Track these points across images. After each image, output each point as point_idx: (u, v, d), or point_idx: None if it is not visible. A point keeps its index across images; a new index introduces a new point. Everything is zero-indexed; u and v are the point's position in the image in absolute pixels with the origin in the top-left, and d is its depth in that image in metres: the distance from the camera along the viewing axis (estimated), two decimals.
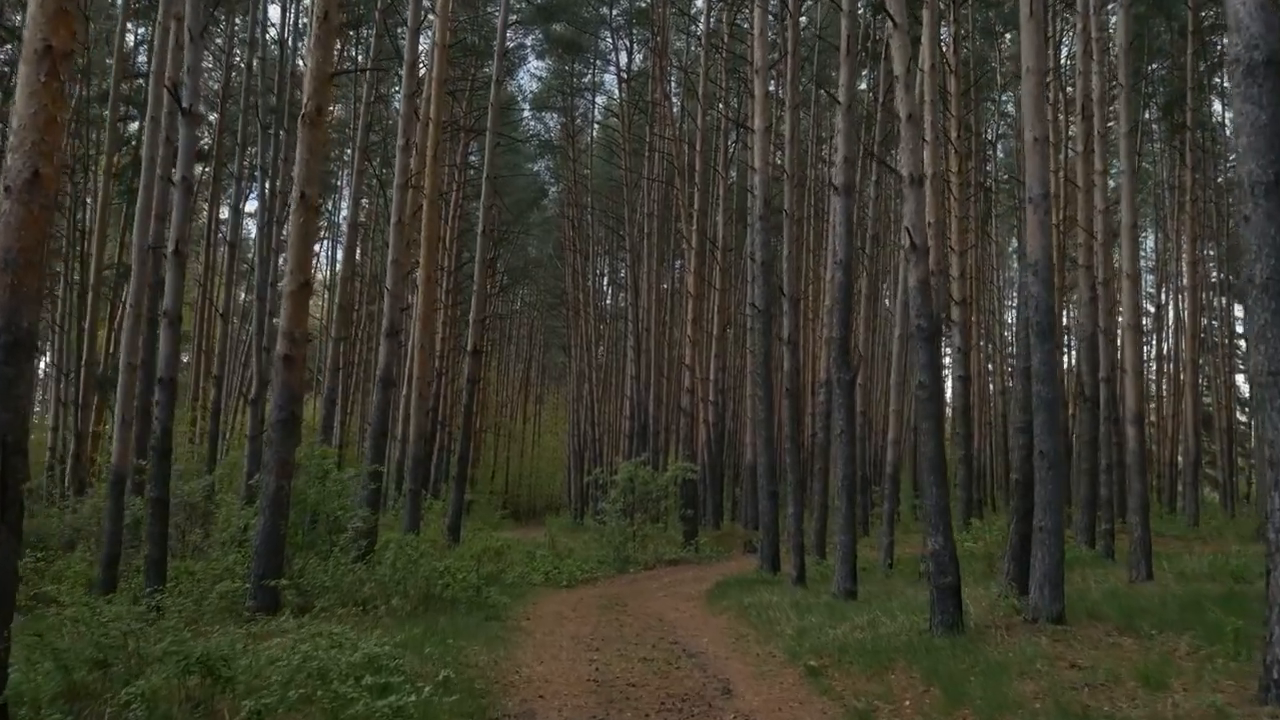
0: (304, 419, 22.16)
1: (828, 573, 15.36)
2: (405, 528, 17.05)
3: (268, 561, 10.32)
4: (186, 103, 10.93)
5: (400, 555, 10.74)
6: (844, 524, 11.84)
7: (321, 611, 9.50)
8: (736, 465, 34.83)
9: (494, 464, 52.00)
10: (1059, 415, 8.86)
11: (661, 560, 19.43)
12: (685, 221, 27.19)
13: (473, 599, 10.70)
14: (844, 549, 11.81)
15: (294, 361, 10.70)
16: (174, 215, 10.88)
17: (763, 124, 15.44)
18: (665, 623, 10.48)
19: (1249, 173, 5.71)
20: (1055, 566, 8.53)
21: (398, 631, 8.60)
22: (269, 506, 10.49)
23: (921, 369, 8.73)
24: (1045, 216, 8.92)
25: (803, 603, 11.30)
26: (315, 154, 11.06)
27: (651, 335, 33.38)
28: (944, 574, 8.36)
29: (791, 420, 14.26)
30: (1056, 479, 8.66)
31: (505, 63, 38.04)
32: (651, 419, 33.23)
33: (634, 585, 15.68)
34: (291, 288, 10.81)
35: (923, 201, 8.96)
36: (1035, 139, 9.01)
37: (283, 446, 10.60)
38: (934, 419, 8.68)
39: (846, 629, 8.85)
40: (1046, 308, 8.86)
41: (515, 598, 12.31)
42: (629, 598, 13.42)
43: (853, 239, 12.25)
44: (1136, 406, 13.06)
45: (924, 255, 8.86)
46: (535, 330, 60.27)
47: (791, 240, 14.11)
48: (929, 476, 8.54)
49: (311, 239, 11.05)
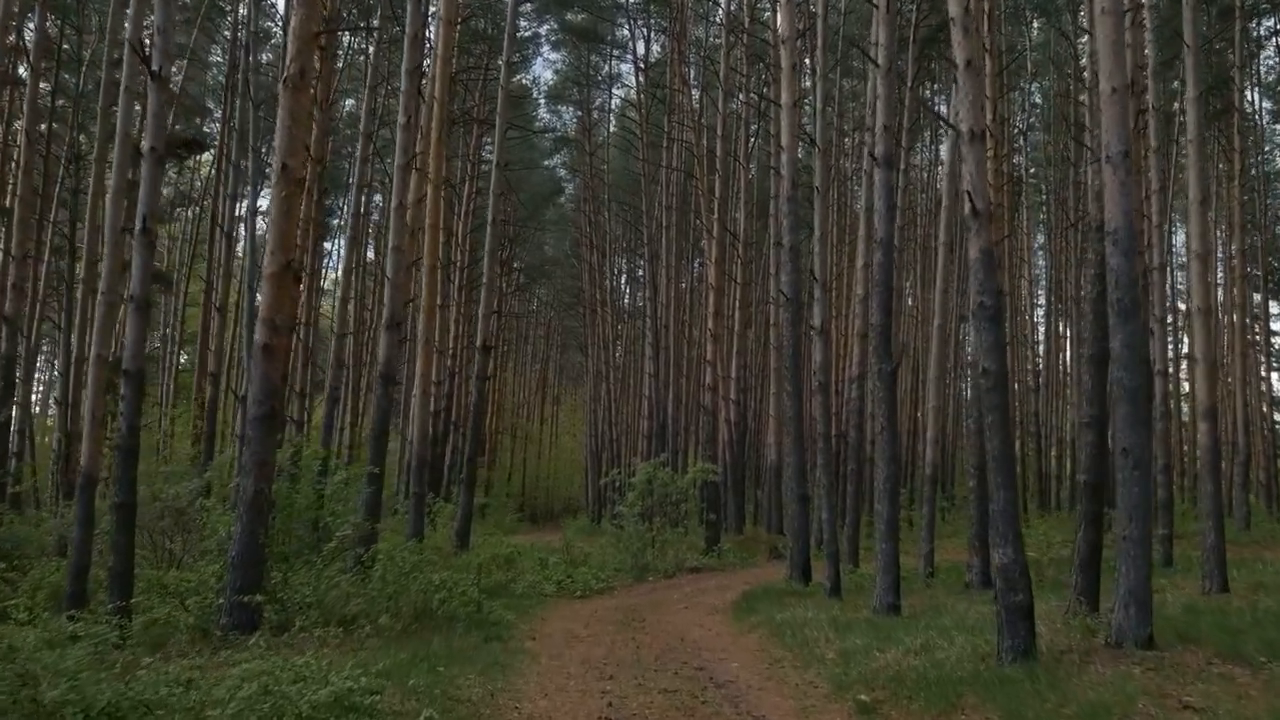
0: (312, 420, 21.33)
1: (863, 583, 14.19)
2: (409, 534, 15.99)
3: (244, 575, 9.25)
4: (156, 65, 9.89)
5: (390, 567, 9.61)
6: (885, 530, 10.65)
7: (300, 631, 8.44)
8: (758, 466, 33.73)
9: (511, 466, 51.14)
10: (1144, 407, 7.64)
11: (682, 568, 18.26)
12: (705, 210, 26.05)
13: (473, 615, 9.58)
14: (886, 558, 10.61)
15: (274, 352, 9.63)
16: (142, 189, 9.83)
17: (790, 98, 14.27)
18: (688, 642, 9.32)
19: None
20: (1142, 582, 7.32)
21: (382, 656, 7.50)
22: (246, 513, 9.42)
23: (985, 353, 7.53)
24: (1127, 177, 7.71)
25: (841, 619, 10.12)
26: (298, 121, 10.00)
27: (670, 332, 32.26)
28: (1014, 591, 7.15)
29: (824, 417, 13.07)
30: (1143, 480, 7.44)
31: (519, 51, 37.27)
32: (670, 419, 32.09)
33: (653, 596, 14.54)
34: (272, 269, 9.74)
35: (983, 160, 7.78)
36: (1114, 89, 7.80)
37: (261, 446, 9.53)
38: (1001, 410, 7.47)
39: (898, 654, 7.67)
40: (1129, 282, 7.65)
41: (522, 612, 11.18)
42: (647, 611, 12.27)
43: (894, 215, 11.07)
44: (1209, 400, 11.79)
45: (987, 222, 7.66)
46: (553, 330, 59.36)
47: (824, 220, 12.94)
48: (997, 478, 7.34)
49: (295, 215, 9.99)
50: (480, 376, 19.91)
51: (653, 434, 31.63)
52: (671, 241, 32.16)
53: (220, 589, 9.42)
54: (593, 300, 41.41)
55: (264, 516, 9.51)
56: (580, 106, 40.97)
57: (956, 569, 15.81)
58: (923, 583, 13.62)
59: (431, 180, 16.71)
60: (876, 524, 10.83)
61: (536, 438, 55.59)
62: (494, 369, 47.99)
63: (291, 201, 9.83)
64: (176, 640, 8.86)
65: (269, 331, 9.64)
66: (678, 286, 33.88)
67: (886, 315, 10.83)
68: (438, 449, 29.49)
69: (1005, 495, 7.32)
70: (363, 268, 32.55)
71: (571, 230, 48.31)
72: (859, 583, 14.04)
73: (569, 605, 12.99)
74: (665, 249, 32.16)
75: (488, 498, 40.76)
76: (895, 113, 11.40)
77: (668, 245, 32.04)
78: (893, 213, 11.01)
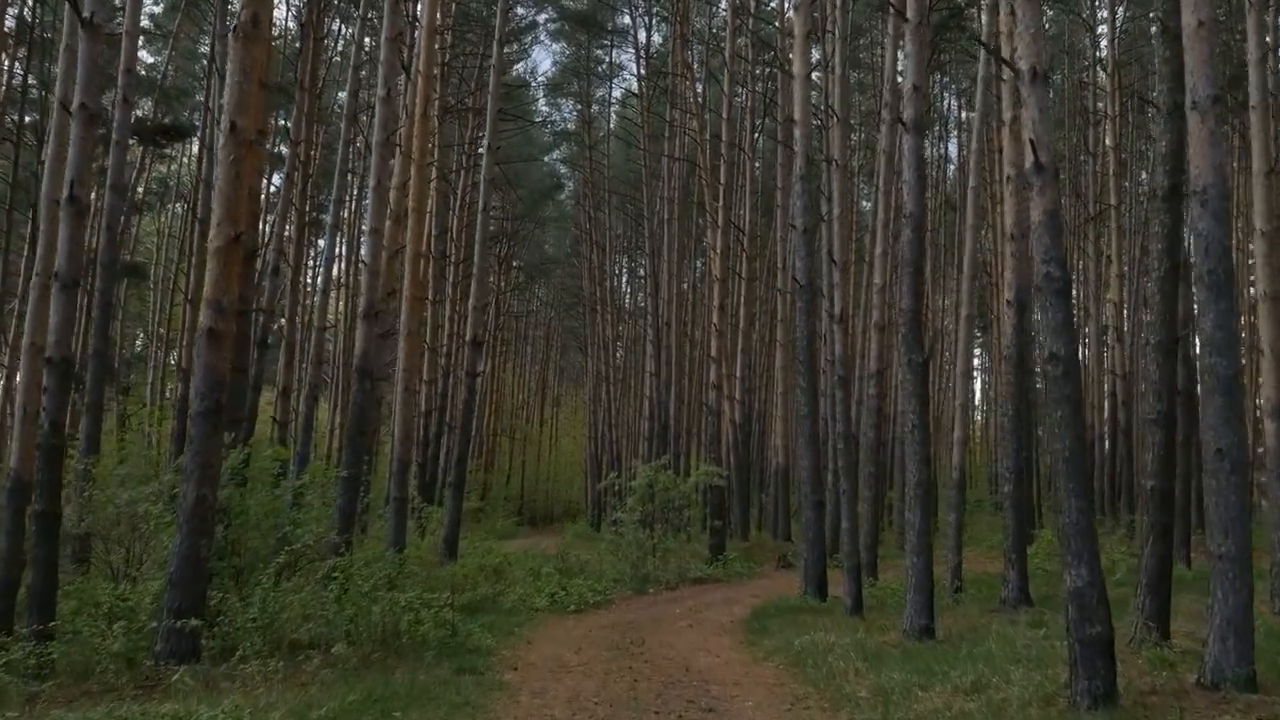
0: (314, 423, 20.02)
1: (884, 597, 12.95)
2: (389, 542, 14.76)
3: (184, 594, 8.01)
4: (87, 12, 8.68)
5: (350, 584, 8.37)
6: (917, 542, 9.40)
7: (241, 663, 7.21)
8: (761, 470, 32.56)
9: (509, 469, 50.10)
10: (1240, 399, 6.40)
11: (685, 578, 17.00)
12: (710, 199, 24.80)
13: (446, 640, 8.33)
14: (917, 574, 9.37)
15: (220, 338, 8.40)
16: (70, 153, 8.61)
17: (803, 68, 13.04)
18: (694, 673, 8.08)
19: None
20: (1243, 610, 6.09)
21: (330, 695, 6.29)
22: (187, 523, 8.20)
23: (1053, 334, 6.27)
24: (1217, 126, 6.48)
25: (868, 644, 8.89)
26: (250, 76, 8.75)
27: (672, 330, 31.07)
28: (1091, 622, 5.91)
29: (843, 415, 11.82)
30: (1240, 487, 6.22)
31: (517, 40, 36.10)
32: (672, 420, 30.89)
33: (653, 610, 13.29)
34: (218, 243, 8.51)
35: (1047, 104, 6.52)
36: (1200, 22, 6.57)
37: (204, 446, 8.30)
38: (1071, 402, 6.21)
39: (946, 694, 6.43)
40: (1221, 250, 6.42)
41: (505, 634, 9.93)
42: (648, 630, 11.02)
43: (924, 187, 9.82)
44: (1277, 395, 10.54)
45: (1053, 178, 6.41)
46: (552, 331, 58.21)
47: (843, 197, 11.72)
48: (1068, 483, 6.08)
49: (246, 181, 8.76)
50: (471, 373, 18.66)
51: (654, 435, 30.45)
52: (674, 238, 30.99)
53: (157, 610, 8.20)
54: (593, 299, 40.26)
55: (207, 526, 8.29)
56: (580, 99, 39.80)
57: (985, 582, 14.56)
58: (950, 598, 12.37)
59: (416, 161, 15.49)
60: (907, 534, 9.59)
61: (536, 440, 54.48)
62: (491, 368, 46.91)
63: (241, 166, 8.60)
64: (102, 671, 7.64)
65: (214, 315, 8.41)
66: (679, 284, 32.75)
67: (916, 299, 9.58)
68: (430, 451, 28.33)
69: (1078, 506, 6.07)
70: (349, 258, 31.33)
71: (571, 228, 47.22)
72: (879, 597, 12.80)
73: (561, 623, 11.74)
74: (667, 245, 30.99)
75: (485, 501, 39.67)
76: (926, 72, 10.14)
77: (669, 241, 30.88)
78: (922, 184, 9.77)
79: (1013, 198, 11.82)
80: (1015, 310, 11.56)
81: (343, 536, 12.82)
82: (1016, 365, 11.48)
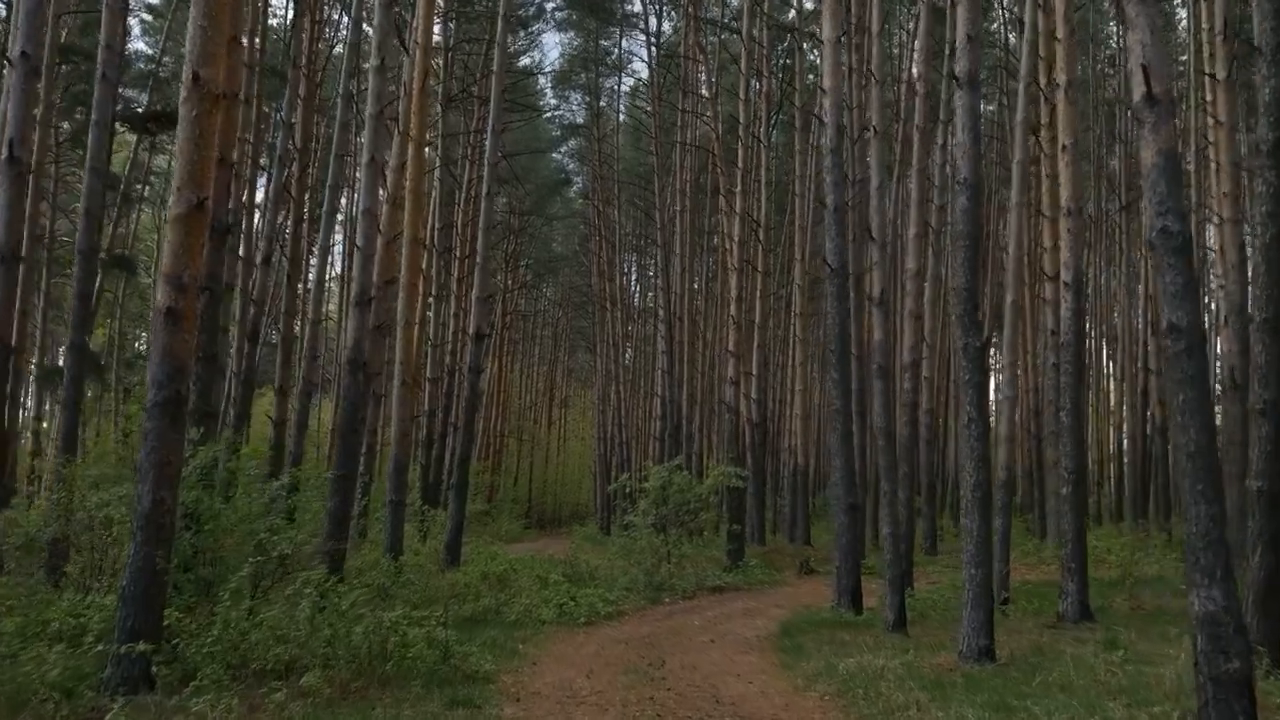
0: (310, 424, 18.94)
1: (922, 609, 11.83)
2: (385, 548, 13.70)
3: (137, 611, 6.96)
4: None
5: (326, 600, 7.26)
6: (975, 551, 8.26)
7: (196, 695, 6.13)
8: (776, 472, 31.48)
9: (517, 471, 49.16)
10: None
11: (703, 586, 15.89)
12: (725, 184, 23.71)
13: (437, 666, 7.21)
14: (975, 588, 8.23)
15: (180, 318, 7.33)
16: (9, 107, 7.56)
17: (834, 31, 11.92)
18: (726, 704, 6.96)
19: None
20: None
21: None
22: (141, 529, 7.14)
23: (1172, 302, 5.13)
24: None
25: (922, 669, 7.77)
26: (217, 23, 7.70)
27: (685, 326, 29.97)
28: (1227, 655, 4.78)
29: (883, 409, 10.67)
30: None
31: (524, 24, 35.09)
32: (684, 420, 29.82)
33: (670, 623, 12.18)
34: (179, 210, 7.44)
35: (1159, 23, 5.39)
36: None
37: (162, 442, 7.22)
38: (1196, 384, 5.07)
39: None
40: None
41: (508, 654, 8.83)
42: (666, 647, 9.92)
43: (979, 149, 8.69)
44: None
45: (1169, 113, 5.29)
46: (561, 331, 57.17)
47: (881, 166, 10.58)
48: (1195, 484, 4.95)
49: (211, 141, 7.69)
50: (474, 368, 17.60)
51: (665, 435, 29.36)
52: (685, 231, 29.92)
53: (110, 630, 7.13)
54: (602, 296, 39.24)
55: (165, 534, 7.21)
56: (588, 90, 38.76)
57: (1029, 592, 13.44)
58: (999, 611, 11.21)
59: (414, 139, 14.43)
60: (963, 542, 8.45)
61: (544, 441, 53.52)
62: (499, 368, 45.93)
63: (205, 123, 7.53)
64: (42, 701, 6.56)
65: (173, 292, 7.34)
66: (691, 280, 31.71)
67: (973, 275, 8.45)
68: (434, 452, 27.34)
69: (1206, 511, 4.94)
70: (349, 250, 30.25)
71: (580, 226, 46.25)
72: (918, 609, 11.66)
73: (570, 638, 10.63)
74: (679, 239, 29.92)
75: (492, 504, 38.68)
76: (979, 22, 9.02)
77: (681, 235, 29.81)
78: (979, 146, 8.64)
79: (1069, 168, 10.69)
80: (1073, 293, 10.43)
81: (334, 543, 11.79)
82: (1075, 354, 10.35)
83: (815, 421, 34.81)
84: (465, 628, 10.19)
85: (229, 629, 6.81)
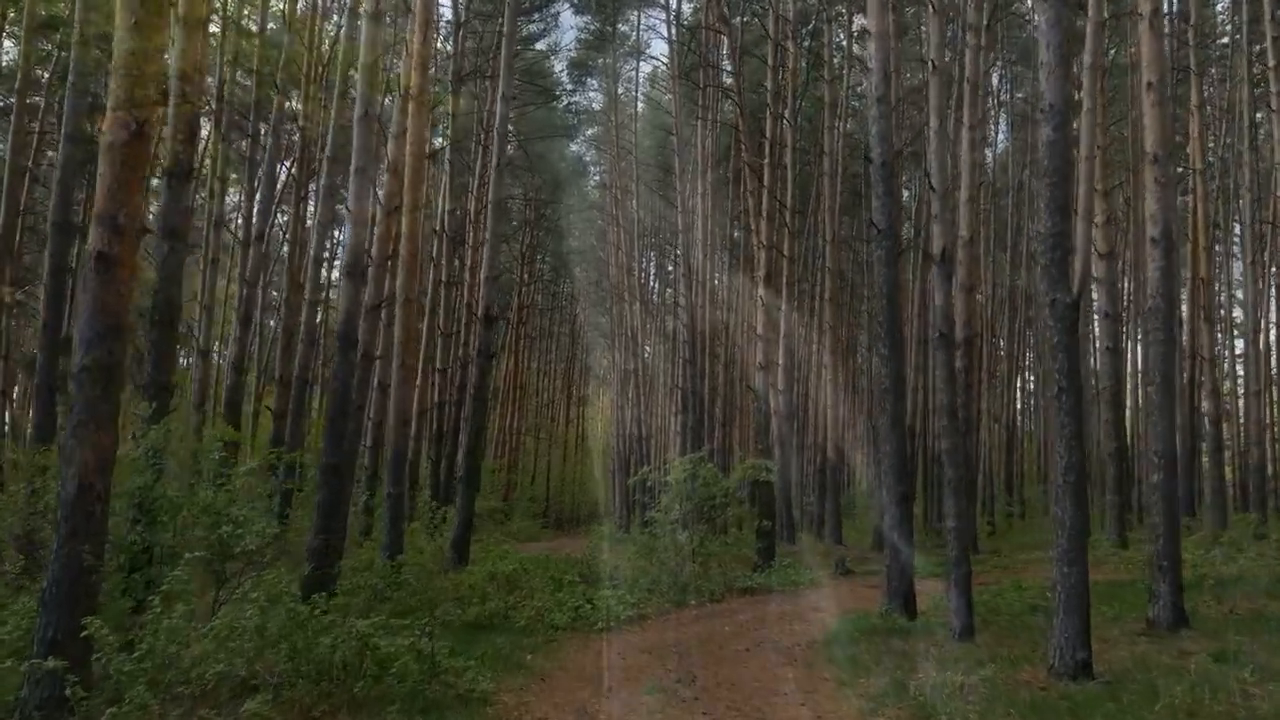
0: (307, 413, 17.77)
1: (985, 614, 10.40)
2: (383, 546, 12.46)
3: (59, 619, 5.76)
4: None
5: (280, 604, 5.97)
6: (1068, 546, 6.91)
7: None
8: (802, 467, 30.16)
9: (534, 469, 48.14)
10: None
11: (732, 588, 14.57)
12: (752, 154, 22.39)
13: (420, 685, 5.91)
14: (1068, 590, 6.87)
15: (114, 265, 6.10)
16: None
17: None
18: None
19: None
20: None
21: None
22: (66, 520, 5.95)
23: None
24: None
25: (1007, 687, 6.43)
26: None
27: (707, 314, 28.65)
28: None
29: (945, 384, 9.26)
30: None
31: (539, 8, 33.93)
32: (706, 414, 28.48)
33: (699, 628, 10.87)
34: (111, 137, 6.21)
35: None
36: None
37: (91, 414, 6.00)
38: None
39: None
40: None
41: (512, 667, 7.54)
42: (697, 657, 8.61)
43: (1067, 70, 7.32)
44: None
45: None
46: (578, 328, 55.99)
47: (940, 106, 9.20)
48: None
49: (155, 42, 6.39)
50: (484, 353, 16.31)
51: (686, 430, 28.02)
52: (707, 216, 28.62)
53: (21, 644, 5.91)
54: (620, 288, 38.03)
55: (94, 527, 6.00)
56: (606, 75, 37.50)
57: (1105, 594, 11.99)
58: None
59: (415, 97, 13.19)
60: (1055, 535, 7.09)
61: (561, 439, 52.36)
62: (515, 364, 44.77)
63: (147, 26, 6.28)
64: None
65: (107, 234, 6.12)
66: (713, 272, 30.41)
67: (1063, 218, 7.08)
68: (446, 447, 26.24)
69: None
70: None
71: (597, 219, 45.04)
72: (979, 613, 10.25)
73: (586, 646, 9.35)
74: (700, 225, 28.62)
75: (507, 502, 37.57)
76: None
77: (703, 221, 28.51)
78: (1066, 67, 7.27)
79: (1155, 108, 9.31)
80: (1162, 251, 9.05)
81: (322, 538, 10.57)
82: (1166, 318, 8.97)
83: (840, 414, 33.40)
84: (466, 635, 8.94)
85: (166, 640, 5.55)
